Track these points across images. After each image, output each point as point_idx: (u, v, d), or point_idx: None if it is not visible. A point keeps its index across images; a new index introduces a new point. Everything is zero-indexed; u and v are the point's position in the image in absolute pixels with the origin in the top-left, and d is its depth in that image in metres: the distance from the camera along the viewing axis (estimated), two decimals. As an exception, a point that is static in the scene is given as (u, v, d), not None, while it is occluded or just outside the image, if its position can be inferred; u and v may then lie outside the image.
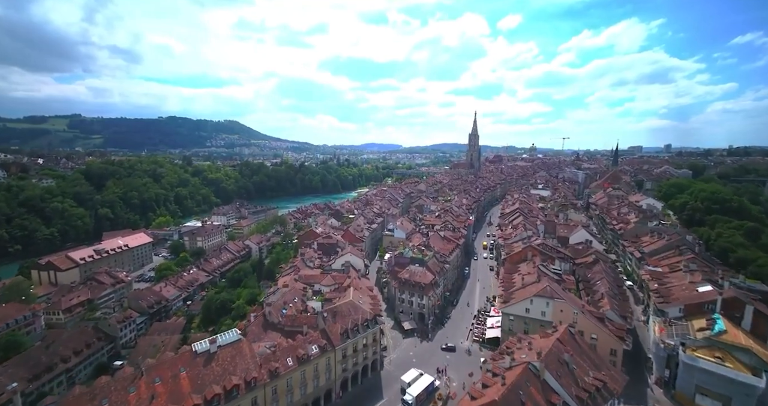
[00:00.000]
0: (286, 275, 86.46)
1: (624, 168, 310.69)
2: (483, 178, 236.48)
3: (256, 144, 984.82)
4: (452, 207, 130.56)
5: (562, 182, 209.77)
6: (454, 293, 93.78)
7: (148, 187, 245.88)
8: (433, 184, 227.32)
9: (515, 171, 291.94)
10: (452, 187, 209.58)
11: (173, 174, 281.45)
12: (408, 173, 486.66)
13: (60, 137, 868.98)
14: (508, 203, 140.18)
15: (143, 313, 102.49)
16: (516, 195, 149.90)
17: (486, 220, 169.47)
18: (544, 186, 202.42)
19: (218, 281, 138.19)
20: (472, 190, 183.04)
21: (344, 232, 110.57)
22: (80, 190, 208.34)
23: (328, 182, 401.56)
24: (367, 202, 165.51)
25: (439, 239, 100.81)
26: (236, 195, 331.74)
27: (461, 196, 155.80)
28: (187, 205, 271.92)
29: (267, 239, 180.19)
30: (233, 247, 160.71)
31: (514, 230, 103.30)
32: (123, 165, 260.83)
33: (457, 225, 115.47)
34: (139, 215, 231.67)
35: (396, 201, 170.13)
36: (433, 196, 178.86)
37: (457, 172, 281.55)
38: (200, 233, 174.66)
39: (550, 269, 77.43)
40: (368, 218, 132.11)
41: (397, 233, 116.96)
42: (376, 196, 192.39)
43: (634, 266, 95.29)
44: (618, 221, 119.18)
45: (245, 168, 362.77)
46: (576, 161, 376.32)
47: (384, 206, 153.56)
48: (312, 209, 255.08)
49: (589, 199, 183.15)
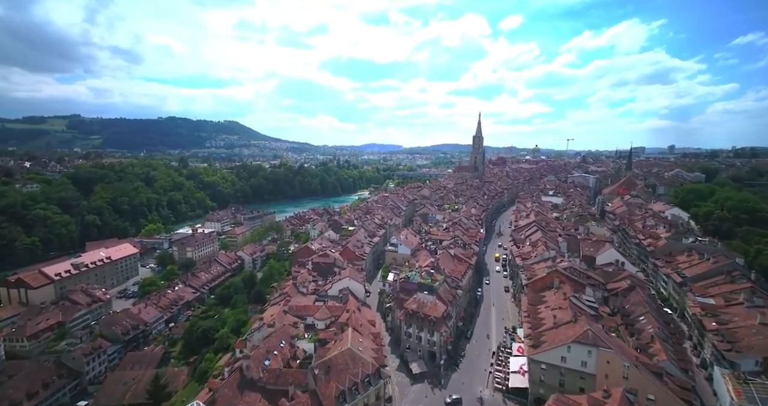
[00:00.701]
0: (275, 304, 74.57)
1: (634, 171, 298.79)
2: (489, 182, 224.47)
3: (256, 145, 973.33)
4: (461, 219, 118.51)
5: (574, 188, 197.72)
6: (467, 321, 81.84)
7: (140, 192, 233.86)
8: (437, 190, 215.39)
9: (521, 174, 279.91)
10: (457, 192, 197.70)
11: (166, 177, 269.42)
12: (409, 175, 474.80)
13: (59, 138, 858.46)
14: (521, 213, 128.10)
15: (116, 341, 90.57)
16: (529, 204, 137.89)
17: (495, 230, 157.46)
18: (555, 192, 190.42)
19: (206, 298, 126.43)
20: (479, 197, 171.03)
21: (343, 248, 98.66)
22: (66, 195, 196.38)
23: (327, 185, 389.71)
24: (367, 210, 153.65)
25: (450, 259, 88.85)
26: (233, 199, 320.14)
27: (469, 205, 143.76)
28: (180, 210, 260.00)
29: (261, 248, 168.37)
30: (224, 258, 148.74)
31: (534, 248, 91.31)
32: (114, 168, 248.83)
33: (468, 240, 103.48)
34: (129, 222, 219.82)
35: (398, 209, 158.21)
36: (438, 203, 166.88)
37: (461, 175, 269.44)
38: (190, 242, 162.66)
39: (583, 301, 65.49)
40: (369, 230, 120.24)
41: (402, 248, 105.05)
42: (377, 203, 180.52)
43: (672, 290, 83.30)
44: (644, 235, 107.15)
45: (242, 170, 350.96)
46: (582, 164, 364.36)
47: (386, 216, 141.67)
48: (310, 215, 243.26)
49: (603, 207, 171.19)
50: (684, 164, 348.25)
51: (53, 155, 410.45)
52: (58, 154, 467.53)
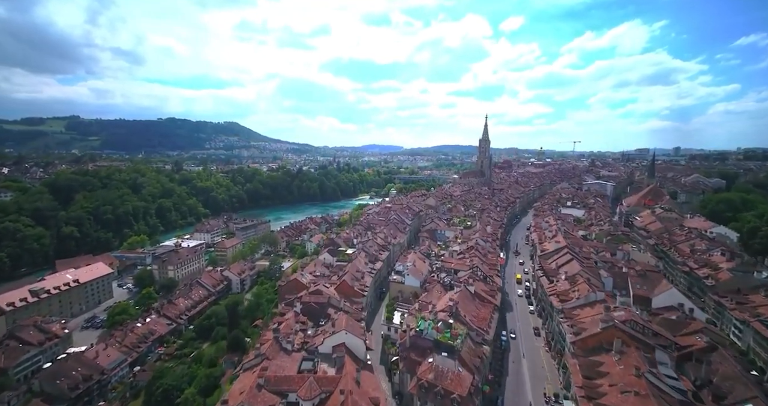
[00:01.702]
0: (249, 368, 56.88)
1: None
2: (499, 190, 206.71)
3: (255, 146, 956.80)
4: (477, 240, 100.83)
5: (593, 198, 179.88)
6: (494, 380, 64.29)
7: (125, 200, 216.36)
8: (443, 198, 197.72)
9: (531, 180, 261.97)
10: (466, 202, 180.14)
11: (156, 184, 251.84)
12: (411, 179, 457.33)
13: (57, 139, 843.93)
14: (544, 232, 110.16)
15: (61, 399, 73.12)
16: (551, 220, 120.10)
17: (511, 246, 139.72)
18: (573, 202, 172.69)
19: (184, 329, 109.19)
20: (491, 209, 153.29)
21: (339, 282, 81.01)
22: (41, 205, 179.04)
23: (327, 189, 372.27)
24: (368, 226, 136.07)
25: (470, 299, 71.31)
26: (228, 205, 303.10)
27: (483, 220, 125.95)
28: (170, 218, 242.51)
29: (251, 266, 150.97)
30: (208, 280, 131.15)
31: (572, 285, 73.59)
32: (98, 175, 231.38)
33: (488, 271, 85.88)
34: (113, 232, 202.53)
35: (403, 224, 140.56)
36: (446, 216, 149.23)
37: (467, 181, 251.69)
38: (171, 260, 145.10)
39: (660, 375, 47.95)
40: (370, 253, 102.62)
41: (409, 279, 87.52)
42: (378, 214, 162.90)
43: (753, 343, 65.51)
44: (697, 263, 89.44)
45: (238, 175, 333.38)
46: (592, 168, 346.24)
47: (389, 233, 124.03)
48: (307, 224, 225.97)
49: (629, 220, 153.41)
50: (698, 168, 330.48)
51: (45, 158, 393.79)
52: (51, 156, 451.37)
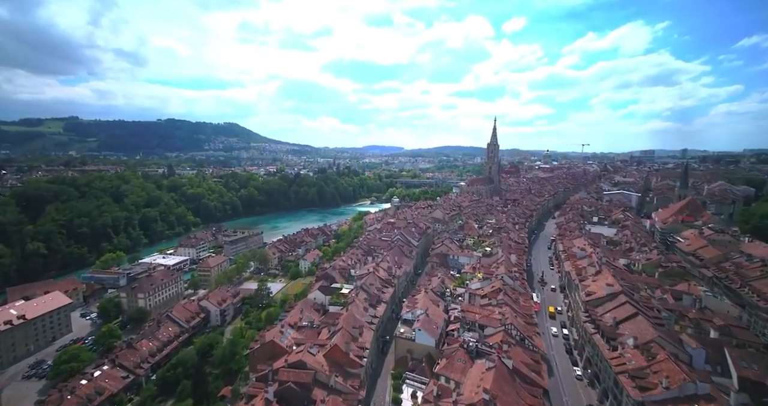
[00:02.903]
0: None
1: (668, 183, 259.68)
2: (513, 201, 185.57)
3: (255, 147, 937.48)
4: (503, 278, 79.87)
5: (620, 211, 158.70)
6: None
7: (104, 211, 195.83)
8: (451, 211, 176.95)
9: (543, 188, 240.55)
10: (477, 216, 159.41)
11: (141, 191, 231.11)
12: (413, 183, 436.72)
13: (54, 140, 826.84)
14: (584, 267, 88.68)
15: None
16: (586, 247, 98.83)
17: (534, 270, 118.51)
18: (599, 217, 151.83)
19: (145, 383, 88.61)
20: (508, 226, 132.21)
21: (329, 346, 60.09)
22: (3, 219, 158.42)
23: (325, 194, 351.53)
24: (368, 249, 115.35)
25: (508, 381, 50.47)
26: (220, 212, 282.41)
27: (504, 245, 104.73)
28: (155, 229, 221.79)
29: (235, 292, 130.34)
30: (181, 313, 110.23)
31: (649, 361, 52.51)
32: (76, 183, 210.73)
33: (525, 328, 64.93)
34: (88, 247, 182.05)
35: (409, 246, 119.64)
36: (458, 236, 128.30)
37: (475, 189, 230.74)
38: (143, 286, 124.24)
39: None
40: (371, 292, 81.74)
41: (421, 336, 66.62)
42: (380, 232, 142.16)
43: None
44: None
45: (232, 180, 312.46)
46: (605, 174, 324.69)
47: (393, 260, 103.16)
48: (303, 237, 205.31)
49: (666, 240, 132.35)
50: (717, 173, 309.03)
51: (30, 161, 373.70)
52: (40, 159, 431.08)
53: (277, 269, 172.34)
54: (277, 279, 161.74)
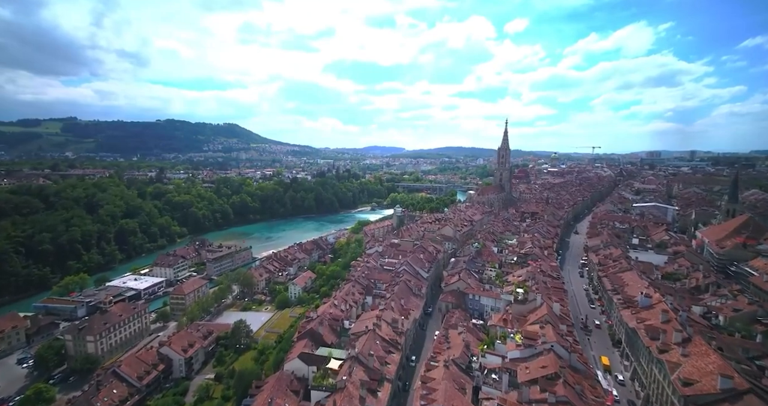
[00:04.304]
0: None
1: (695, 190, 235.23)
2: (531, 216, 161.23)
3: (255, 148, 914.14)
4: (555, 349, 55.92)
5: (661, 229, 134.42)
6: None
7: (73, 224, 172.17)
8: (462, 226, 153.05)
9: (559, 196, 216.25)
10: (494, 235, 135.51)
11: (118, 201, 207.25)
12: (416, 187, 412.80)
13: (51, 141, 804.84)
14: (657, 328, 64.44)
15: None
16: (652, 294, 74.77)
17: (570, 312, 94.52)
18: (640, 238, 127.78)
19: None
20: (537, 252, 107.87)
21: None
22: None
23: (323, 200, 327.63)
24: (368, 285, 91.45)
25: None
26: (209, 221, 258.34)
27: (541, 287, 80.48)
28: (134, 242, 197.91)
29: (207, 332, 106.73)
30: (134, 366, 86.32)
31: None
32: (44, 192, 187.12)
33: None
34: (52, 267, 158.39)
35: (417, 278, 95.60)
36: (476, 265, 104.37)
37: (486, 199, 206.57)
38: (93, 327, 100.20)
39: None
40: (371, 366, 57.80)
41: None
42: (383, 256, 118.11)
43: None
44: None
45: (223, 186, 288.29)
46: (621, 179, 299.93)
47: (398, 304, 79.28)
48: (295, 253, 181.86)
49: (727, 269, 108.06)
50: (749, 179, 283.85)
51: (8, 165, 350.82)
52: (22, 163, 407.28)
53: (264, 293, 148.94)
54: (264, 307, 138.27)
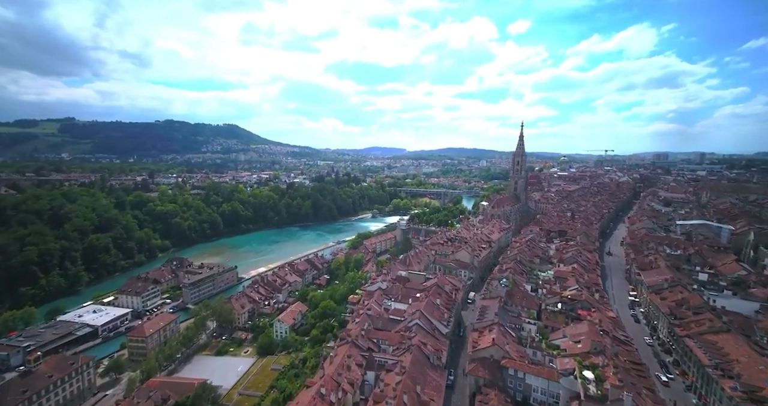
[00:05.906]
0: None
1: (729, 201, 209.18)
2: (560, 235, 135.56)
3: (254, 149, 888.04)
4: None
5: (733, 260, 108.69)
6: None
7: (29, 242, 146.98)
8: (480, 250, 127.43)
9: (581, 207, 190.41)
10: (524, 268, 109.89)
11: (89, 212, 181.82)
12: (419, 192, 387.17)
13: (48, 142, 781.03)
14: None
15: None
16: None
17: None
18: (708, 273, 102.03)
19: None
20: (591, 301, 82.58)
21: None
22: None
23: (321, 208, 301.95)
24: (368, 350, 65.89)
25: None
26: (196, 233, 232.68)
27: (624, 373, 55.13)
28: (105, 261, 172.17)
29: (164, 397, 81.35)
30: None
31: None
32: (0, 204, 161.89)
33: None
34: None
35: (434, 336, 69.95)
36: (510, 312, 78.89)
37: (502, 212, 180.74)
38: (7, 398, 74.85)
39: None
40: None
41: None
42: (389, 297, 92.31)
43: None
44: None
45: (212, 193, 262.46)
46: (641, 186, 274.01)
47: (411, 389, 53.72)
48: (286, 275, 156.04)
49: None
50: None
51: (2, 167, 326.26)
52: (11, 166, 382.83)
53: (246, 329, 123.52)
54: (243, 349, 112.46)
